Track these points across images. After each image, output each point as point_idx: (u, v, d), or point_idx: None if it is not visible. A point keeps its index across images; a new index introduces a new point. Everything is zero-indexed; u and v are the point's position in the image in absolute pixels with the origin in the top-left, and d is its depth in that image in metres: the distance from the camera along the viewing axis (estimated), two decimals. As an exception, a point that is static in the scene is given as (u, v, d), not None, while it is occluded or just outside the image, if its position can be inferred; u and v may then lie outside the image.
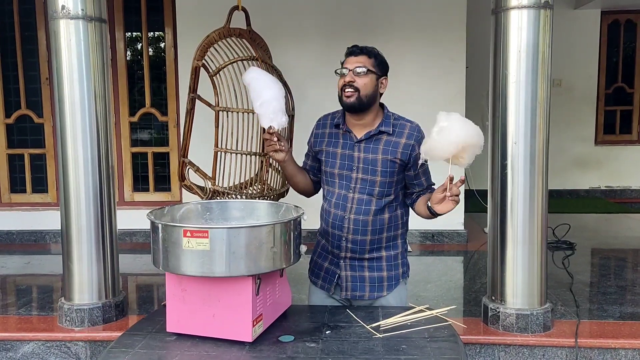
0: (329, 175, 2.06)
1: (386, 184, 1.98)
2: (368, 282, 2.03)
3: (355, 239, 2.00)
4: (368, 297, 2.04)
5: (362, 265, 2.04)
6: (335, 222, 2.02)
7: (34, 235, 4.98)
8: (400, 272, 2.08)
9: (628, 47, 7.09)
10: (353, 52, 1.99)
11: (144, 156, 5.09)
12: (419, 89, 4.55)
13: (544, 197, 2.63)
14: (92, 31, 2.68)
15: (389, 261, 2.05)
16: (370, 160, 1.98)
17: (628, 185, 7.09)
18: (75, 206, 2.73)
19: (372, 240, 2.01)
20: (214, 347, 1.62)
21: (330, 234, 2.05)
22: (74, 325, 2.75)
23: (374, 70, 1.97)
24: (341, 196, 2.02)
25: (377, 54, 2.01)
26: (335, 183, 2.04)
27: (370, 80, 1.95)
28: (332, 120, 2.09)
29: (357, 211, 1.99)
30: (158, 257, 1.66)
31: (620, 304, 3.12)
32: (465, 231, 4.73)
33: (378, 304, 2.03)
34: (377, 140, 2.00)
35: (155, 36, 5.30)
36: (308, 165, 2.18)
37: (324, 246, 2.12)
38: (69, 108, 2.69)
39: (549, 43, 2.56)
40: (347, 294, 2.05)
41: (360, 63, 1.96)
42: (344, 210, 2.01)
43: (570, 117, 6.83)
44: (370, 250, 2.02)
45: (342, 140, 2.04)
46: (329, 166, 2.05)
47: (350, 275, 2.04)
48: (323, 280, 2.11)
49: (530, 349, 2.58)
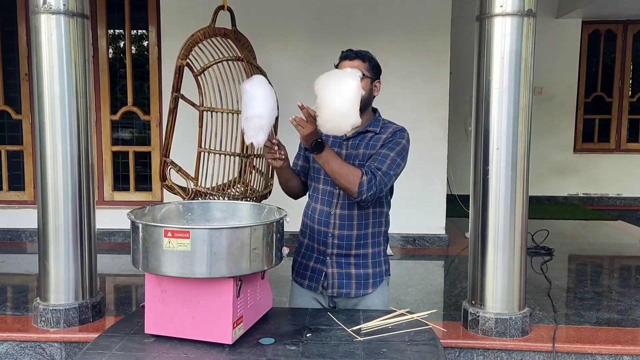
0: (315, 171, 2.09)
1: None
2: (354, 279, 2.05)
3: (341, 235, 2.02)
4: (354, 294, 2.05)
5: (348, 262, 2.05)
6: (321, 218, 2.04)
7: (10, 234, 4.88)
8: (384, 269, 2.11)
9: (608, 57, 7.23)
10: (348, 56, 2.02)
11: (125, 155, 5.03)
12: (403, 94, 4.58)
13: (524, 203, 2.65)
14: (74, 27, 2.64)
15: (374, 258, 2.07)
16: (354, 156, 2.02)
17: (605, 192, 7.21)
18: (53, 204, 2.68)
19: (357, 236, 2.03)
20: (193, 350, 1.60)
21: (316, 231, 2.06)
22: (49, 326, 2.70)
23: (368, 74, 2.00)
24: (327, 192, 2.04)
25: (370, 58, 2.04)
26: (320, 179, 2.07)
27: (365, 85, 1.97)
28: None
29: (342, 206, 2.02)
30: (138, 257, 1.63)
31: (597, 309, 3.17)
32: (446, 236, 4.76)
33: (363, 303, 2.05)
34: (363, 137, 2.04)
35: (139, 34, 5.24)
36: (299, 167, 2.19)
37: (307, 246, 2.12)
38: (48, 104, 2.64)
39: (531, 51, 2.59)
40: (333, 292, 2.06)
41: (355, 68, 1.97)
42: (329, 206, 2.03)
43: (550, 124, 6.94)
44: (356, 246, 2.04)
45: (332, 138, 2.07)
46: (316, 163, 2.07)
47: (337, 272, 2.05)
48: (310, 279, 2.11)
49: (508, 353, 2.60)
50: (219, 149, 3.38)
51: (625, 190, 7.16)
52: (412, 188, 4.30)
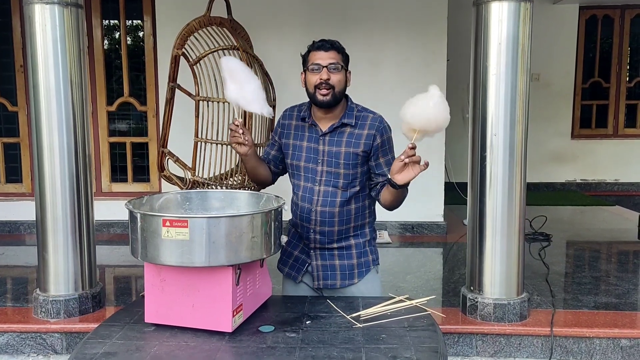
0: (295, 168, 2.06)
1: (350, 175, 1.99)
2: (339, 270, 2.05)
3: (322, 230, 2.01)
4: (340, 285, 2.05)
5: (332, 254, 2.05)
6: (303, 215, 2.03)
7: (8, 226, 4.88)
8: (370, 259, 2.09)
9: (605, 42, 7.21)
10: (323, 46, 1.95)
11: (122, 146, 5.01)
12: (399, 81, 4.56)
13: (522, 189, 2.66)
14: (68, 17, 2.62)
15: (358, 249, 2.06)
16: (334, 153, 1.98)
17: (603, 178, 7.23)
18: (51, 195, 2.68)
19: (339, 231, 2.02)
20: (193, 338, 1.61)
21: (300, 226, 2.06)
22: (49, 316, 2.71)
23: (344, 65, 1.98)
24: (307, 189, 2.02)
25: (342, 48, 2.00)
26: (301, 176, 2.04)
27: (342, 76, 1.96)
28: (298, 113, 2.08)
29: (323, 203, 2.00)
30: (137, 246, 1.63)
31: (594, 294, 3.19)
32: (444, 223, 4.77)
33: (350, 293, 2.05)
34: (341, 133, 2.00)
35: (134, 24, 5.20)
36: (271, 155, 2.15)
37: (294, 235, 2.12)
38: (44, 95, 2.63)
39: (528, 36, 2.58)
40: (318, 284, 2.05)
41: (333, 59, 1.94)
42: (310, 203, 2.01)
43: (547, 111, 6.93)
44: (338, 239, 2.04)
45: (308, 133, 2.04)
46: (295, 159, 2.05)
47: (321, 264, 2.05)
48: (290, 268, 2.11)
49: (507, 338, 2.62)
50: (216, 139, 3.37)
51: (623, 175, 7.17)
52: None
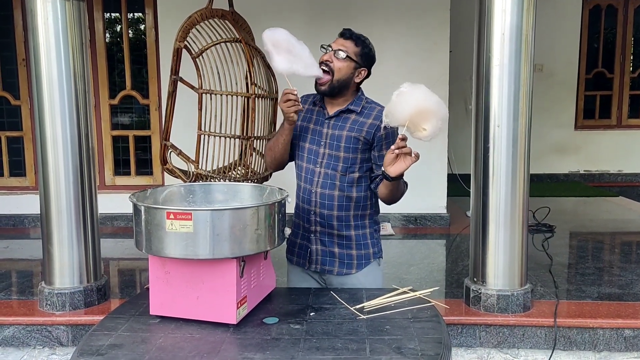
0: (300, 149, 2.11)
1: (349, 159, 2.02)
2: (338, 257, 2.08)
3: (322, 213, 2.05)
4: (337, 272, 2.08)
5: (332, 241, 2.08)
6: (304, 196, 2.08)
7: (12, 220, 4.89)
8: (371, 252, 2.11)
9: (609, 32, 7.16)
10: (343, 34, 2.03)
11: (125, 139, 5.02)
12: (401, 73, 4.53)
13: (525, 180, 2.65)
14: (70, 9, 2.62)
15: (358, 240, 2.09)
16: (336, 137, 2.03)
17: (606, 169, 7.20)
18: (55, 188, 2.68)
19: (339, 217, 2.05)
20: (198, 329, 1.62)
21: (301, 209, 2.10)
22: (54, 309, 2.72)
23: (355, 58, 2.00)
24: (309, 170, 2.07)
25: (365, 45, 2.03)
26: (304, 157, 2.09)
27: (346, 67, 1.99)
28: (313, 99, 2.15)
29: (323, 185, 2.04)
30: (141, 239, 1.64)
31: (598, 284, 3.19)
32: (447, 215, 4.77)
33: (350, 284, 2.07)
34: (346, 118, 2.04)
35: (135, 17, 5.19)
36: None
37: (296, 224, 2.16)
38: (46, 88, 2.63)
39: (532, 26, 2.56)
40: (317, 267, 2.10)
41: (344, 47, 2.00)
42: (311, 184, 2.06)
43: (551, 102, 6.90)
44: (338, 226, 2.06)
45: (316, 116, 2.10)
46: (301, 140, 2.10)
47: (321, 249, 2.09)
48: (297, 256, 2.15)
49: (510, 329, 2.63)
50: (219, 132, 3.37)
51: (626, 166, 7.15)
52: (413, 168, 4.22)
